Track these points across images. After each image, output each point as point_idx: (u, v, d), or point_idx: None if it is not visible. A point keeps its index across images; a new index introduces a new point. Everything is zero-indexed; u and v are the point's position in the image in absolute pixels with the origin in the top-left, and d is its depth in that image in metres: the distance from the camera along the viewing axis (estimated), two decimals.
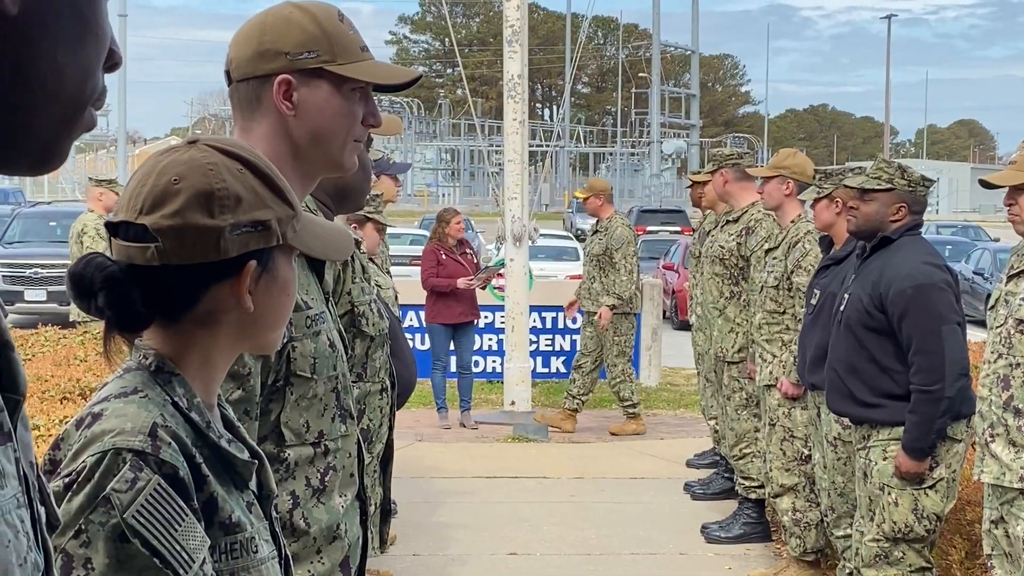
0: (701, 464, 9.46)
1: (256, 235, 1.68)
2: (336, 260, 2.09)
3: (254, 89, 2.31)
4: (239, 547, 1.67)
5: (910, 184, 5.07)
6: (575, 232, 41.76)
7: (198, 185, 1.65)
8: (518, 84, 11.60)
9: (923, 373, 4.88)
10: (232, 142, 1.74)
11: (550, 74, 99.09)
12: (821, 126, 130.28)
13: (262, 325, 1.74)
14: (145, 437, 1.59)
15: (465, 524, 7.86)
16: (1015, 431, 4.24)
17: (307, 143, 2.33)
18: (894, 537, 5.03)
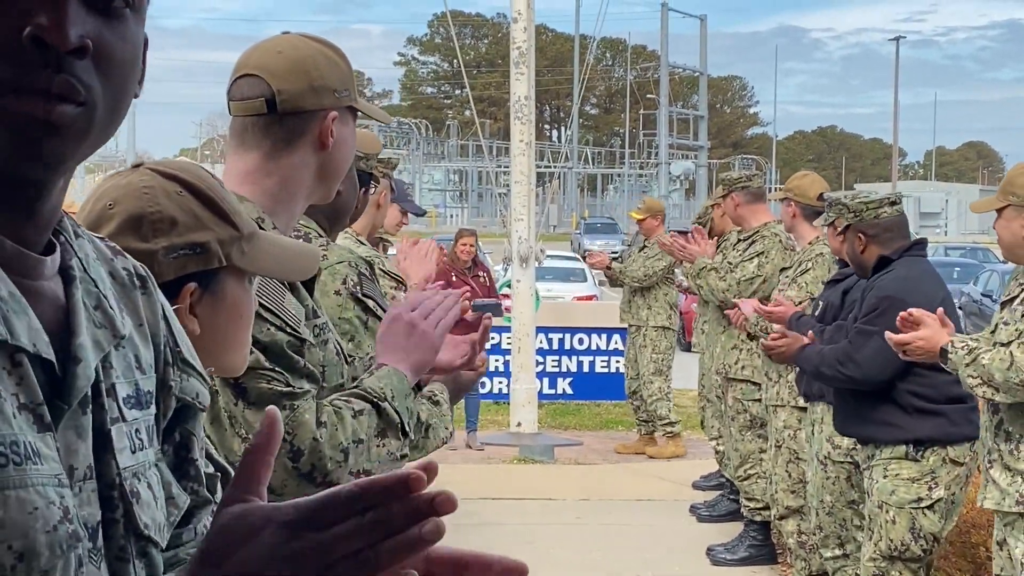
0: (707, 486, 9.45)
1: (194, 257, 1.68)
2: (297, 280, 2.11)
3: (301, 123, 2.38)
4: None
5: (855, 215, 5.18)
6: (583, 253, 41.78)
7: (131, 209, 1.67)
8: (525, 105, 11.63)
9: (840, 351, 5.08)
10: (177, 165, 1.75)
11: (558, 95, 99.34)
12: (829, 148, 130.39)
13: (215, 348, 1.73)
14: None
15: (470, 545, 7.77)
16: (1008, 455, 4.25)
17: (324, 176, 2.43)
18: (890, 555, 5.03)
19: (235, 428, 2.25)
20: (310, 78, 2.37)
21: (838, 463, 5.69)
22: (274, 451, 1.02)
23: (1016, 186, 4.37)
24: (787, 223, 6.79)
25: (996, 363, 4.14)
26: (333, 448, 2.26)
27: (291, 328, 2.28)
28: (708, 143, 75.65)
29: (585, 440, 11.78)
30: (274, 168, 2.38)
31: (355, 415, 2.31)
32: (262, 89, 2.36)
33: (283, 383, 2.24)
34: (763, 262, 7.41)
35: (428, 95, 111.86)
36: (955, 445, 4.95)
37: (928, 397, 5.00)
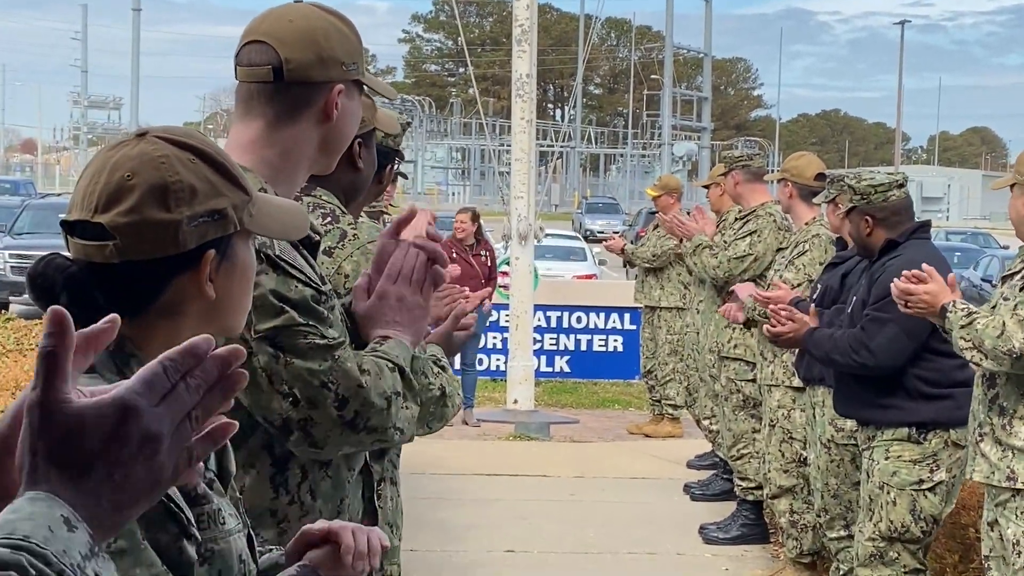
0: (702, 465, 9.47)
1: (213, 224, 1.69)
2: (295, 238, 2.13)
3: (307, 93, 2.37)
4: (207, 518, 1.69)
5: (862, 197, 5.14)
6: (584, 233, 41.78)
7: (152, 179, 1.65)
8: (526, 83, 11.62)
9: (852, 339, 5.05)
10: (182, 131, 1.74)
11: (562, 75, 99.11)
12: (833, 131, 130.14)
13: (225, 311, 1.76)
14: None
15: (464, 521, 7.88)
16: (1000, 429, 4.26)
17: (326, 148, 2.42)
18: (890, 537, 5.04)
19: (275, 385, 2.26)
20: (319, 49, 2.36)
21: (842, 446, 5.70)
22: (70, 345, 1.17)
23: (1022, 165, 4.37)
24: (784, 203, 6.80)
25: (989, 329, 4.16)
26: (378, 395, 2.28)
27: (313, 283, 2.30)
28: (711, 125, 75.47)
29: (581, 419, 11.81)
30: (278, 138, 2.37)
31: (391, 370, 2.33)
32: (270, 57, 2.36)
33: (319, 335, 2.26)
34: (755, 241, 7.41)
35: (432, 73, 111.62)
36: (957, 428, 4.94)
37: (933, 382, 4.99)
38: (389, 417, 2.30)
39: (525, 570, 6.95)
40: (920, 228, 5.17)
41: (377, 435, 2.33)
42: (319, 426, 2.27)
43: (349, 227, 2.90)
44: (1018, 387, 4.22)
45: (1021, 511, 4.19)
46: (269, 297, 2.23)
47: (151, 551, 1.58)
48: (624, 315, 13.70)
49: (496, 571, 6.90)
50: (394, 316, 2.45)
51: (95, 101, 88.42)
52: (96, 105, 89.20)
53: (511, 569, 6.96)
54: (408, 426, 2.38)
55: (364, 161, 3.00)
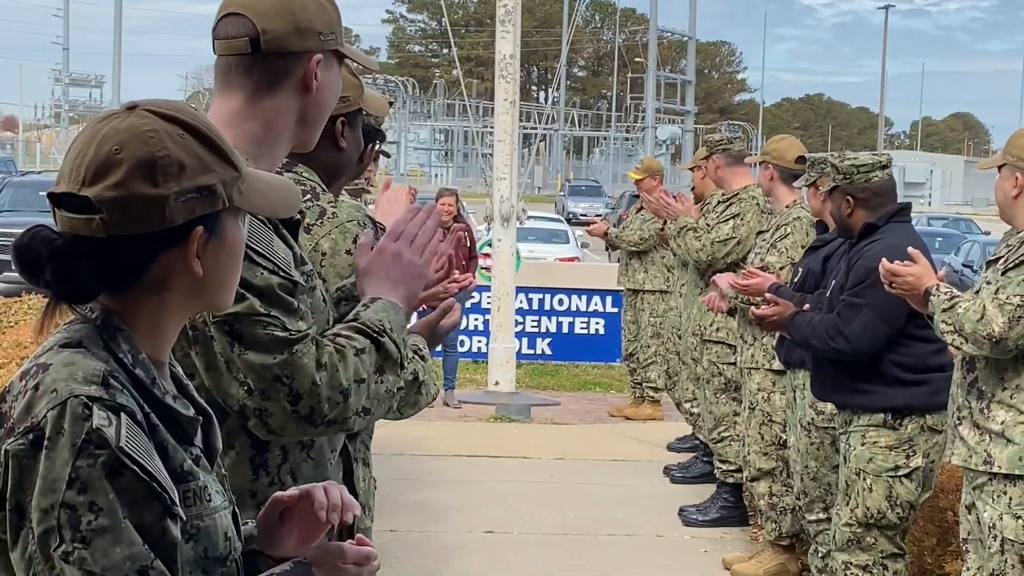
0: (682, 448, 9.49)
1: (202, 200, 1.68)
2: (284, 216, 2.11)
3: (285, 64, 2.36)
4: (193, 495, 1.69)
5: (845, 176, 5.11)
6: (566, 215, 41.77)
7: (140, 154, 1.64)
8: (510, 64, 11.58)
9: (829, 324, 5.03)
10: (172, 105, 1.73)
11: (546, 57, 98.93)
12: (816, 115, 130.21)
13: (212, 288, 1.75)
14: (99, 386, 1.61)
15: (443, 502, 7.88)
16: (978, 413, 4.26)
17: (306, 120, 2.41)
18: (866, 523, 5.05)
19: (232, 372, 2.25)
20: (296, 19, 2.35)
21: (822, 428, 5.71)
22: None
23: (1014, 147, 4.35)
24: (765, 186, 6.79)
25: (969, 313, 4.16)
26: (333, 390, 2.26)
27: (283, 271, 2.28)
28: (695, 108, 75.44)
29: (562, 401, 11.81)
30: (257, 110, 2.36)
31: (357, 353, 2.31)
32: (246, 28, 2.34)
33: (279, 327, 2.24)
34: (738, 224, 7.41)
35: (416, 53, 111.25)
36: (933, 413, 4.94)
37: (909, 367, 4.98)
38: (347, 408, 2.28)
39: (504, 551, 6.96)
40: (900, 211, 5.15)
41: (337, 426, 2.32)
42: (274, 416, 2.26)
43: (329, 205, 2.89)
44: (997, 371, 4.23)
45: (998, 495, 4.20)
46: None
47: (132, 530, 1.57)
48: (606, 298, 13.69)
49: (475, 552, 6.91)
50: (388, 271, 2.45)
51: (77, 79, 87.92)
52: (78, 83, 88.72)
53: (490, 550, 6.97)
54: (379, 402, 2.36)
55: (347, 141, 2.98)
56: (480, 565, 6.69)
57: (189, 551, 1.67)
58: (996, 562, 4.19)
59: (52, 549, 1.55)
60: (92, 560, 1.55)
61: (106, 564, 1.55)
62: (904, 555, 5.16)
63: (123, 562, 1.56)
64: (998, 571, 4.19)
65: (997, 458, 4.18)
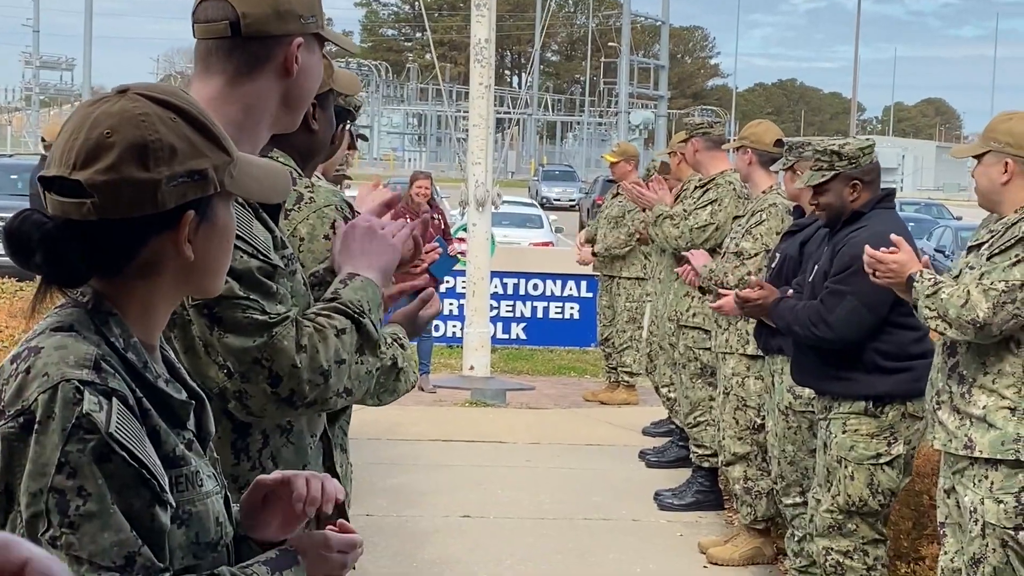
0: (657, 432, 9.51)
1: (193, 185, 1.67)
2: (276, 201, 2.10)
3: (265, 47, 2.34)
4: (185, 480, 1.68)
5: (850, 162, 5.05)
6: (540, 200, 41.78)
7: (131, 138, 1.64)
8: (485, 48, 11.56)
9: (812, 311, 5.01)
10: (164, 89, 1.72)
11: (519, 41, 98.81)
12: (789, 101, 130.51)
13: (203, 272, 1.75)
14: (91, 370, 1.60)
15: (420, 487, 7.88)
16: (958, 398, 4.27)
17: (288, 104, 2.40)
18: (848, 510, 5.05)
19: (211, 356, 2.24)
20: (276, 3, 2.34)
21: (799, 412, 5.72)
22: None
23: (998, 132, 4.32)
24: (743, 171, 6.78)
25: (953, 299, 4.15)
26: (313, 371, 2.26)
27: (262, 254, 2.27)
28: (668, 93, 75.47)
29: (537, 385, 11.82)
30: (237, 94, 2.34)
31: (338, 334, 2.30)
32: (226, 12, 2.33)
33: (258, 311, 2.24)
34: (716, 210, 7.42)
35: (389, 37, 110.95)
36: (914, 400, 4.93)
37: (891, 355, 4.97)
38: (327, 389, 2.28)
39: (480, 535, 6.96)
40: (885, 198, 5.13)
41: (317, 406, 2.32)
42: (254, 399, 2.27)
43: (306, 190, 2.87)
44: (979, 356, 4.23)
45: (979, 479, 4.22)
46: None
47: (120, 516, 1.57)
48: (581, 283, 13.70)
49: (451, 536, 6.91)
50: (363, 245, 2.46)
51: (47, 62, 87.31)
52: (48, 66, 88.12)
53: (466, 534, 6.97)
54: (360, 383, 2.36)
55: (319, 123, 2.96)
56: (457, 549, 6.70)
57: (181, 536, 1.67)
58: (977, 546, 4.21)
59: (40, 533, 1.55)
60: (79, 545, 1.54)
61: (93, 550, 1.55)
62: (885, 541, 5.18)
63: (110, 548, 1.55)
64: (979, 555, 4.20)
65: (978, 443, 4.19)
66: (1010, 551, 4.16)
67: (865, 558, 5.10)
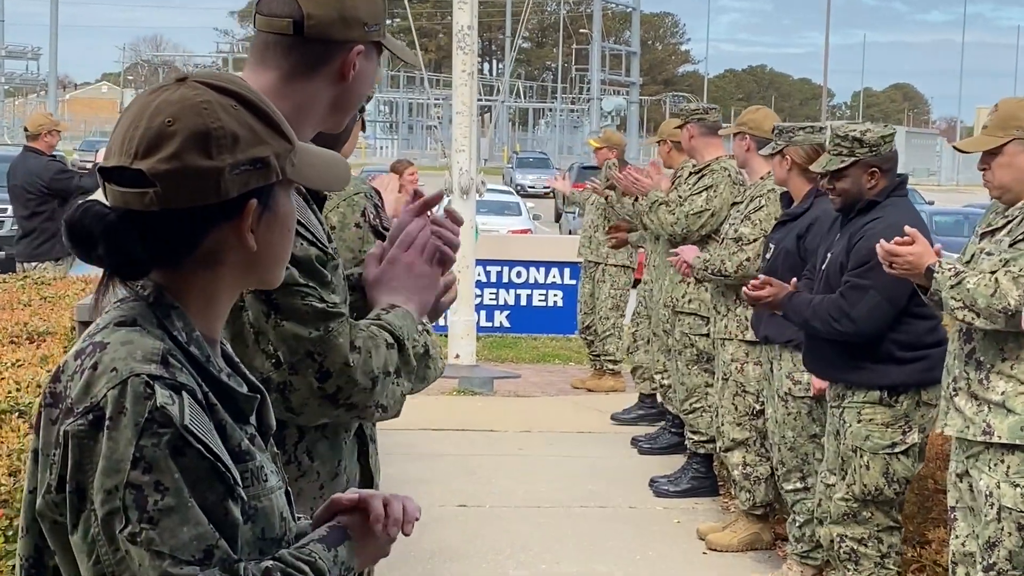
0: (627, 419, 9.52)
1: (256, 173, 1.65)
2: (337, 190, 2.08)
3: (325, 50, 2.32)
4: (250, 475, 1.66)
5: (871, 149, 5.01)
6: (515, 188, 41.78)
7: (193, 126, 1.61)
8: (467, 35, 11.51)
9: (832, 306, 4.96)
10: (224, 77, 1.69)
11: (490, 28, 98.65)
12: (759, 87, 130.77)
13: (266, 262, 1.73)
14: (159, 364, 1.58)
15: (413, 476, 7.83)
16: (976, 384, 4.25)
17: (338, 107, 2.37)
18: (863, 499, 5.04)
19: (260, 344, 2.22)
20: (342, 7, 2.31)
21: (798, 399, 5.71)
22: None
23: (1021, 119, 4.26)
24: (740, 157, 6.77)
25: (981, 288, 4.11)
26: (364, 375, 2.24)
27: (321, 243, 2.25)
28: (640, 80, 75.56)
29: (523, 373, 11.80)
30: (290, 91, 2.32)
31: (389, 347, 2.29)
32: (292, 9, 2.30)
33: (317, 298, 2.21)
34: (711, 196, 7.40)
35: None
36: (928, 388, 4.92)
37: (906, 345, 4.95)
38: (372, 396, 2.26)
39: (478, 524, 6.94)
40: (899, 186, 5.08)
41: (357, 411, 2.30)
42: (297, 393, 2.24)
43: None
44: (996, 342, 4.22)
45: (995, 463, 4.21)
46: None
47: (197, 509, 1.54)
48: (564, 270, 13.69)
49: (448, 526, 6.88)
50: (402, 283, 2.42)
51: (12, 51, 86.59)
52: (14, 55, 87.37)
53: (464, 523, 6.95)
54: (394, 403, 2.34)
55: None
56: (456, 539, 6.67)
57: (247, 532, 1.65)
58: (992, 530, 4.21)
59: (118, 531, 1.52)
60: (160, 540, 1.52)
61: (174, 544, 1.52)
62: (900, 528, 5.17)
63: (190, 542, 1.53)
64: (994, 538, 4.20)
65: (997, 428, 4.18)
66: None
67: (880, 545, 5.10)
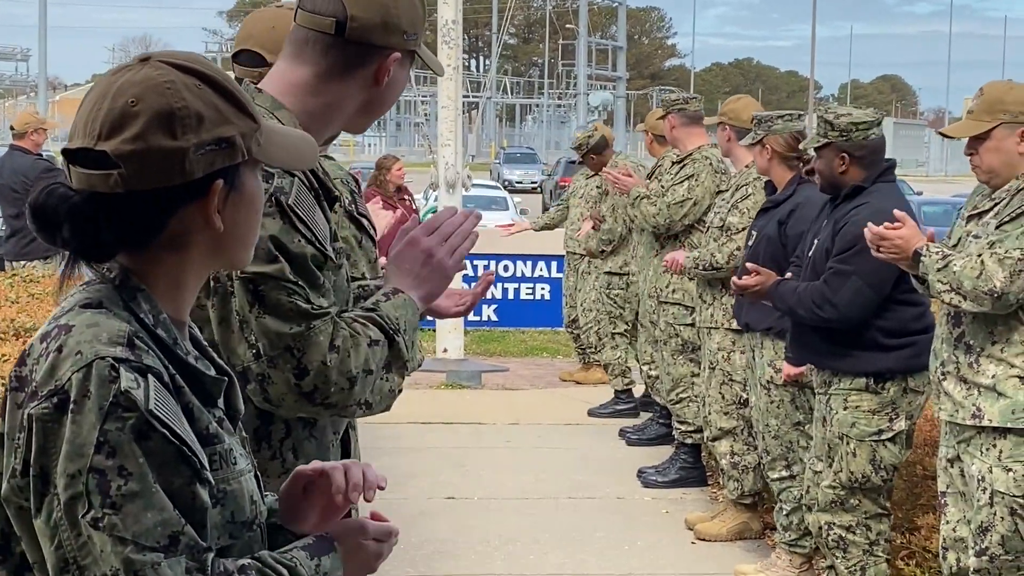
0: (603, 413, 9.52)
1: (221, 153, 1.63)
2: (303, 169, 2.06)
3: (363, 54, 2.32)
4: (219, 458, 1.64)
5: (841, 134, 5.00)
6: (503, 183, 41.78)
7: (157, 105, 1.59)
8: (452, 30, 11.49)
9: (816, 293, 4.94)
10: (188, 56, 1.67)
11: (477, 24, 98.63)
12: (746, 80, 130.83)
13: (233, 243, 1.71)
14: (125, 347, 1.56)
15: (402, 469, 7.82)
16: (966, 368, 4.23)
17: (367, 110, 2.38)
18: (851, 486, 5.02)
19: (243, 332, 2.20)
20: (386, 13, 2.31)
21: (781, 387, 5.71)
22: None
23: (1008, 103, 4.23)
24: (723, 147, 6.79)
25: (967, 271, 4.08)
26: (340, 374, 2.22)
27: (319, 243, 2.23)
28: (627, 74, 75.58)
29: (511, 367, 11.79)
30: (323, 89, 2.32)
31: (371, 344, 2.26)
32: (336, 9, 2.30)
33: (303, 298, 2.20)
34: (693, 185, 7.40)
35: None
36: (915, 375, 4.91)
37: (892, 331, 4.93)
38: (351, 395, 2.24)
39: (468, 517, 6.93)
40: (886, 171, 5.06)
41: (336, 410, 2.28)
42: (275, 386, 2.23)
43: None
44: (985, 325, 4.19)
45: (987, 447, 4.19)
46: (268, 242, 2.17)
47: (162, 494, 1.52)
48: (551, 263, 13.68)
49: (437, 519, 6.87)
50: (415, 267, 2.39)
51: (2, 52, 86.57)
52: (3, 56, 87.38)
53: (453, 516, 6.94)
54: (381, 399, 2.32)
55: None
56: (445, 531, 6.66)
57: (216, 515, 1.63)
58: (985, 514, 4.19)
59: (80, 515, 1.50)
60: (123, 526, 1.50)
61: (137, 530, 1.50)
62: (889, 515, 5.14)
63: (154, 528, 1.51)
64: (987, 523, 4.18)
65: (988, 411, 4.16)
66: (1018, 519, 4.15)
67: (868, 533, 5.09)
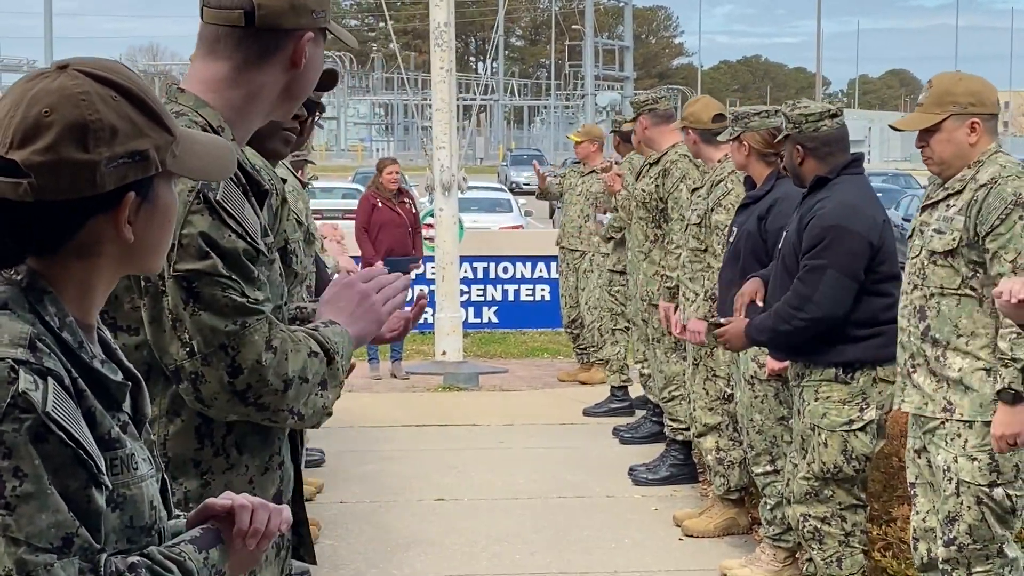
0: (598, 412, 9.53)
1: (134, 166, 1.63)
2: (220, 179, 2.07)
3: (276, 39, 2.33)
4: (119, 463, 1.65)
5: (794, 126, 5.03)
6: (509, 185, 41.78)
7: (70, 117, 1.59)
8: (444, 32, 11.52)
9: (792, 296, 4.91)
10: (106, 66, 1.68)
11: (483, 27, 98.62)
12: (754, 77, 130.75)
13: (143, 253, 1.71)
14: (26, 349, 1.57)
15: (393, 472, 7.85)
16: (934, 361, 4.23)
17: (289, 95, 2.39)
18: (823, 477, 5.03)
19: (176, 331, 2.21)
20: None
21: (764, 381, 5.71)
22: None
23: (958, 95, 4.23)
24: (691, 151, 6.90)
25: None
26: (276, 375, 2.22)
27: (250, 237, 2.24)
28: (634, 74, 75.55)
29: (511, 368, 11.80)
30: (242, 81, 2.34)
31: (311, 354, 2.27)
32: (242, 1, 2.31)
33: (238, 292, 2.21)
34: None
35: (351, 28, 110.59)
36: (884, 365, 4.90)
37: (861, 322, 4.93)
38: (284, 399, 2.24)
39: (455, 518, 6.94)
40: (852, 163, 5.07)
41: (268, 413, 2.27)
42: (208, 385, 2.22)
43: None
44: (951, 319, 4.20)
45: (952, 437, 4.20)
46: (198, 239, 2.18)
47: (57, 496, 1.53)
48: (551, 264, 13.67)
49: (425, 520, 6.89)
50: (350, 305, 2.43)
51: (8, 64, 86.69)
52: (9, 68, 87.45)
53: (441, 517, 6.95)
54: (313, 413, 2.32)
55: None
56: (432, 532, 6.67)
57: (115, 519, 1.64)
58: (952, 504, 4.20)
59: None
60: (16, 527, 1.51)
61: (31, 531, 1.51)
62: (864, 506, 5.14)
63: (48, 529, 1.52)
64: (954, 513, 4.20)
65: (958, 405, 4.16)
66: (985, 508, 4.17)
67: (843, 524, 5.09)
